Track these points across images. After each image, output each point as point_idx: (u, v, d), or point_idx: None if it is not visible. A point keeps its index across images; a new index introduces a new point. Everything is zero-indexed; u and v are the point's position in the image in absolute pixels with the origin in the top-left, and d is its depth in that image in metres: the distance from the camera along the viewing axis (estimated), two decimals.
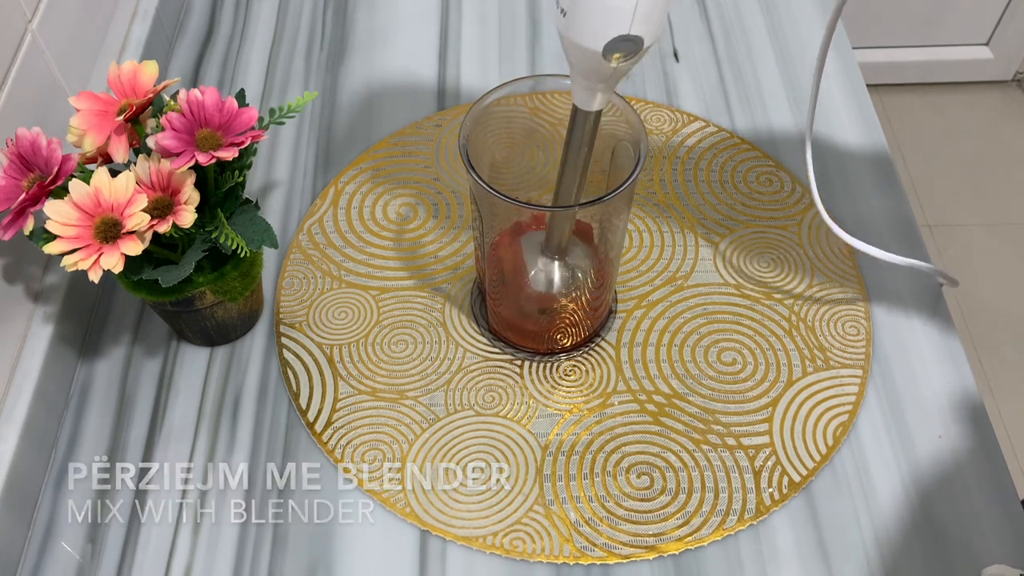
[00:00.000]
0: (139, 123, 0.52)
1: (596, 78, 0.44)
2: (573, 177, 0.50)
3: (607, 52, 0.42)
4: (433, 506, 0.54)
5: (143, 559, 0.53)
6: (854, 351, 0.60)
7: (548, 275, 0.58)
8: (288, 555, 0.53)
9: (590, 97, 0.46)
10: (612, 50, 0.42)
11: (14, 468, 0.52)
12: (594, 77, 0.44)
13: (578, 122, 0.47)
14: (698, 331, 0.61)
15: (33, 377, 0.55)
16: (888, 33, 1.75)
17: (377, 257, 0.65)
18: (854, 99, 0.75)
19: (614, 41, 0.41)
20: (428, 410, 0.58)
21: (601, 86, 0.45)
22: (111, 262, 0.47)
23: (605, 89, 0.45)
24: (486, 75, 0.76)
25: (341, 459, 0.56)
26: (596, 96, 0.46)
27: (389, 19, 0.80)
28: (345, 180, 0.69)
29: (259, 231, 0.53)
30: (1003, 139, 1.75)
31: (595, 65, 0.43)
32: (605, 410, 0.58)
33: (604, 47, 0.42)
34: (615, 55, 0.42)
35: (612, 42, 0.41)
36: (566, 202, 0.52)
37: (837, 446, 0.56)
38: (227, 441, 0.57)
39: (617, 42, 0.41)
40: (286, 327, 0.61)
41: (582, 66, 0.44)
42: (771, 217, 0.67)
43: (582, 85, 0.45)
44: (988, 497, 0.55)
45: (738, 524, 0.53)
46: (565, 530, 0.53)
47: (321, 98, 0.74)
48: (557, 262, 0.58)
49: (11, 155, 0.51)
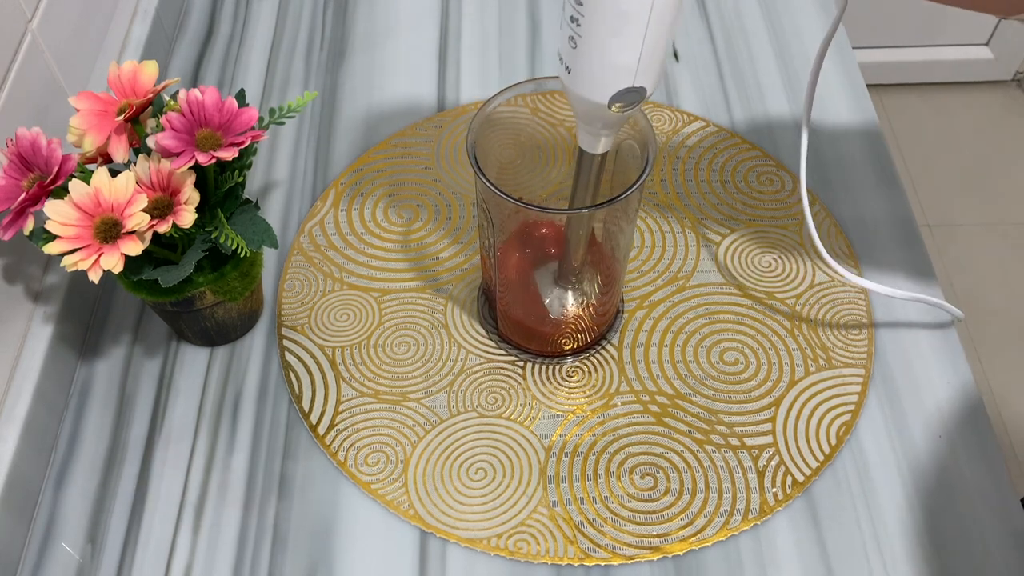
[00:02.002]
0: (139, 123, 0.52)
1: (600, 125, 0.46)
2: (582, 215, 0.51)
3: (611, 103, 0.43)
4: (436, 507, 0.54)
5: (143, 559, 0.52)
6: (856, 350, 0.60)
7: (563, 301, 0.58)
8: (288, 555, 0.52)
9: (595, 141, 0.47)
10: (616, 101, 0.43)
11: (14, 468, 0.52)
12: (598, 124, 0.46)
13: (584, 164, 0.49)
14: (700, 331, 0.61)
15: (33, 377, 0.55)
16: (888, 33, 1.76)
17: (378, 259, 0.65)
18: (854, 99, 0.75)
19: (619, 94, 0.43)
20: (431, 412, 0.57)
21: (605, 131, 0.46)
22: (111, 262, 0.47)
23: (609, 134, 0.47)
24: (486, 76, 0.76)
25: (344, 461, 0.55)
26: (600, 140, 0.47)
27: (389, 19, 0.80)
28: (345, 181, 0.69)
29: (259, 231, 0.53)
30: (1003, 139, 1.75)
31: (600, 114, 0.44)
32: (608, 411, 0.58)
33: (609, 100, 0.43)
34: (618, 104, 0.44)
35: (617, 95, 0.43)
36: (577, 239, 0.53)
37: (840, 446, 0.56)
38: (227, 441, 0.57)
39: (621, 94, 0.43)
40: (288, 329, 0.61)
41: (587, 115, 0.45)
42: (772, 216, 0.67)
43: (586, 131, 0.47)
44: (988, 497, 0.54)
45: (742, 524, 0.53)
46: (569, 531, 0.53)
47: (321, 98, 0.74)
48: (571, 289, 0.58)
49: (11, 155, 0.50)
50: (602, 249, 0.57)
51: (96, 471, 0.56)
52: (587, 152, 0.48)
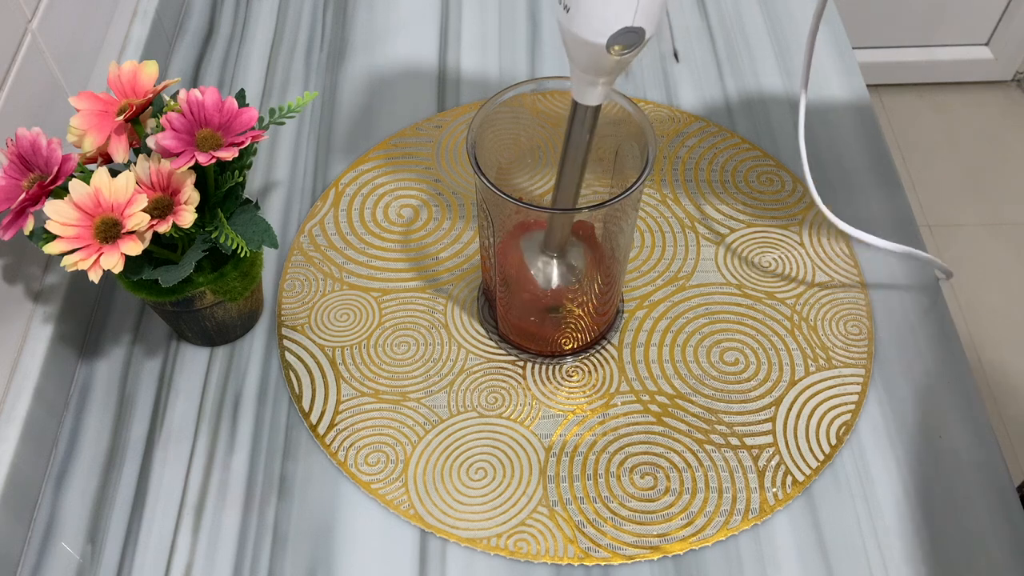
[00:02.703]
0: (139, 123, 0.52)
1: (597, 71, 0.45)
2: (573, 173, 0.50)
3: (610, 45, 0.42)
4: (436, 507, 0.54)
5: (143, 559, 0.52)
6: (856, 350, 0.60)
7: (548, 273, 0.58)
8: (288, 555, 0.52)
9: (591, 91, 0.46)
10: (615, 42, 0.42)
11: (14, 468, 0.52)
12: (595, 71, 0.45)
13: (578, 117, 0.48)
14: (700, 331, 0.61)
15: (33, 377, 0.55)
16: (888, 33, 1.76)
17: (378, 259, 0.65)
18: (854, 99, 0.75)
19: (617, 34, 0.42)
20: (431, 412, 0.57)
21: (602, 79, 0.45)
22: (111, 262, 0.47)
23: (606, 83, 0.46)
24: (486, 75, 0.76)
25: (344, 461, 0.55)
26: (597, 90, 0.46)
27: (389, 19, 0.80)
28: (346, 181, 0.69)
29: (259, 231, 0.53)
30: (1003, 139, 1.75)
31: (597, 58, 0.43)
32: (608, 411, 0.58)
33: (607, 40, 0.42)
34: (617, 47, 0.43)
35: (615, 35, 0.42)
36: (567, 197, 0.52)
37: (840, 446, 0.56)
38: (227, 441, 0.57)
39: (620, 34, 0.42)
40: (288, 329, 0.61)
41: (584, 60, 0.44)
42: (772, 216, 0.67)
43: (583, 79, 0.46)
44: (988, 497, 0.54)
45: (742, 524, 0.53)
46: (569, 531, 0.53)
47: (321, 98, 0.74)
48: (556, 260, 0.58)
49: (11, 155, 0.50)
50: (602, 249, 0.57)
51: (96, 471, 0.56)
52: (581, 104, 0.47)
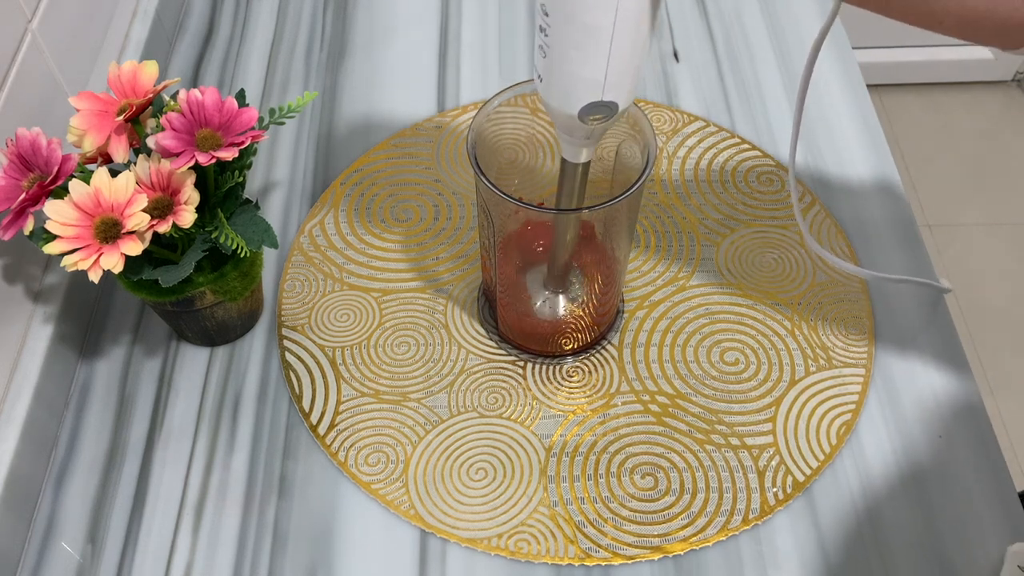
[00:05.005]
0: (139, 123, 0.52)
1: (578, 136, 0.45)
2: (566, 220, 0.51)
3: (583, 116, 0.43)
4: (437, 507, 0.54)
5: (143, 559, 0.52)
6: (856, 350, 0.60)
7: (552, 305, 0.58)
8: (288, 555, 0.52)
9: (576, 152, 0.47)
10: (587, 114, 0.43)
11: (14, 468, 0.52)
12: (576, 135, 0.45)
13: (567, 173, 0.48)
14: (700, 331, 0.61)
15: (33, 377, 0.55)
16: (888, 33, 1.75)
17: (378, 259, 0.65)
18: (854, 99, 0.75)
19: (588, 106, 0.42)
20: (431, 412, 0.57)
21: (585, 143, 0.46)
22: (111, 262, 0.47)
23: (589, 145, 0.46)
24: (486, 76, 0.76)
25: (344, 461, 0.55)
26: (581, 151, 0.47)
27: (389, 19, 0.80)
28: (345, 182, 0.69)
29: (259, 231, 0.53)
30: (1003, 139, 1.75)
31: (573, 126, 0.44)
32: (608, 411, 0.58)
33: (579, 111, 0.43)
34: (591, 117, 0.43)
35: (586, 107, 0.42)
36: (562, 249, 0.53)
37: (840, 446, 0.56)
38: (227, 441, 0.57)
39: (592, 107, 0.43)
40: (288, 329, 0.61)
41: (563, 126, 0.45)
42: (772, 216, 0.67)
43: (567, 141, 0.46)
44: (988, 497, 0.54)
45: (742, 524, 0.53)
46: (570, 531, 0.53)
47: (321, 98, 0.74)
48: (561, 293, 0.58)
49: (11, 155, 0.50)
50: (602, 249, 0.57)
51: (96, 471, 0.56)
52: (569, 162, 0.48)
